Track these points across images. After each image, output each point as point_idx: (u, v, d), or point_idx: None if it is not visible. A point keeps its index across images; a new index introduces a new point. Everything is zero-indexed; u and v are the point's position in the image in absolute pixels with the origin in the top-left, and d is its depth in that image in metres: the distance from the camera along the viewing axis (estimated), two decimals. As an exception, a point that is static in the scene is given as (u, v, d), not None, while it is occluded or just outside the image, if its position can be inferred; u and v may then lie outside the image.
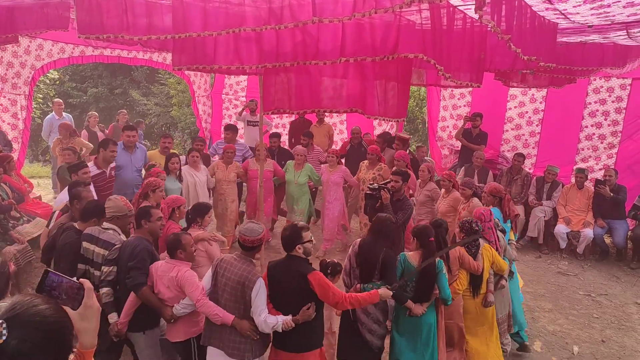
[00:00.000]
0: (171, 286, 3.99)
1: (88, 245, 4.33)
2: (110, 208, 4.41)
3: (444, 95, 11.19)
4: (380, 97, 6.05)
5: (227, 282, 3.77)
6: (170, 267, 4.03)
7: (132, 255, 4.05)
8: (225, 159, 7.63)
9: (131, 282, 3.99)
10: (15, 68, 9.80)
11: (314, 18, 3.87)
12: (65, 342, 1.35)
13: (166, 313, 4.00)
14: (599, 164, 9.58)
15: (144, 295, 3.99)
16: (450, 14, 4.65)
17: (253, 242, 3.82)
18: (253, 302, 3.67)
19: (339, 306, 3.83)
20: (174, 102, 18.66)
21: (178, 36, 4.55)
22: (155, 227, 4.34)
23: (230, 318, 3.72)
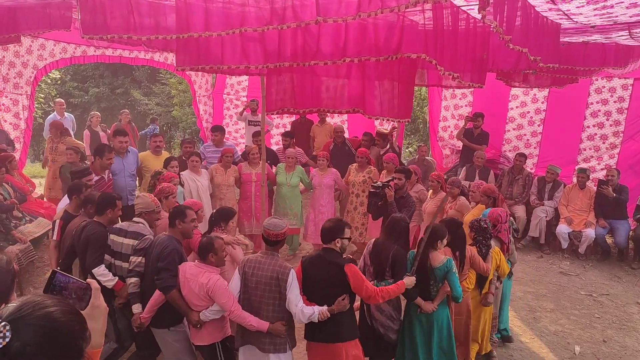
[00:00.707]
0: (200, 293, 3.95)
1: (116, 237, 4.43)
2: (139, 205, 4.55)
3: (445, 95, 11.19)
4: (382, 97, 6.06)
5: (259, 280, 3.83)
6: (200, 271, 3.99)
7: (161, 255, 4.07)
8: (224, 162, 7.51)
9: (161, 283, 4.00)
10: (17, 68, 9.81)
11: (319, 18, 3.87)
12: (72, 346, 1.32)
13: (193, 318, 3.99)
14: (601, 164, 9.58)
15: (173, 298, 4.00)
16: (453, 14, 4.65)
17: (277, 237, 3.92)
18: (289, 295, 3.76)
19: (371, 299, 3.91)
20: (175, 102, 18.68)
21: (181, 36, 4.56)
22: (189, 228, 4.33)
23: (265, 325, 3.79)
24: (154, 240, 4.28)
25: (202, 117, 12.54)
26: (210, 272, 3.98)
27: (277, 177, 7.73)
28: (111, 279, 4.36)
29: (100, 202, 4.65)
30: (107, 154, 6.43)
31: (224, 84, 12.58)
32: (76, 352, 1.33)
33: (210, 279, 3.91)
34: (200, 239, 4.19)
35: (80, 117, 16.42)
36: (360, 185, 7.55)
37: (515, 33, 4.06)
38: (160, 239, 4.22)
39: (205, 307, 3.97)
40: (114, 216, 4.71)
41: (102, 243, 4.42)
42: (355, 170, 7.77)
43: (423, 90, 14.36)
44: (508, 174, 9.26)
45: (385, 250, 4.35)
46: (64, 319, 1.30)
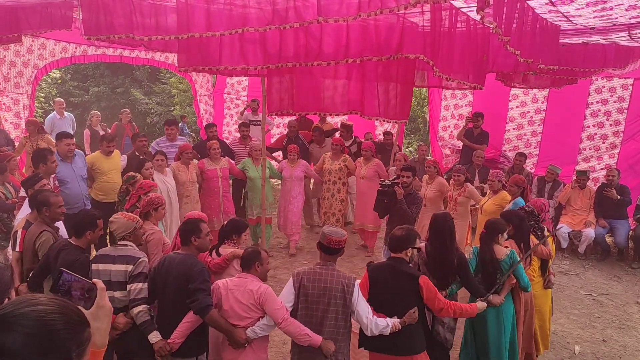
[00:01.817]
0: (248, 302, 3.66)
1: (102, 266, 3.92)
2: (117, 230, 4.03)
3: (446, 95, 11.21)
4: (381, 98, 6.10)
5: (321, 294, 3.62)
6: (246, 280, 3.73)
7: (190, 275, 3.69)
8: (184, 159, 7.19)
9: (198, 305, 3.61)
10: (18, 67, 9.83)
11: (320, 18, 3.89)
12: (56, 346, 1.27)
13: (239, 336, 3.63)
14: (601, 164, 9.60)
15: (213, 319, 3.62)
16: (452, 15, 4.67)
17: (339, 243, 3.72)
18: (357, 306, 3.62)
19: (443, 312, 3.81)
20: (175, 102, 18.68)
21: (181, 37, 4.57)
22: (205, 243, 3.99)
23: (319, 340, 3.57)
24: (164, 262, 3.90)
25: (203, 116, 12.56)
26: (257, 280, 3.75)
27: (248, 172, 7.72)
28: None
29: (78, 222, 4.12)
30: (50, 156, 5.77)
31: (224, 84, 12.60)
32: (62, 351, 1.29)
33: (260, 286, 3.68)
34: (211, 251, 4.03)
35: (80, 117, 16.44)
36: (337, 172, 7.88)
37: (512, 35, 4.08)
38: (177, 260, 3.83)
39: (252, 320, 3.68)
40: (94, 238, 4.16)
41: (86, 273, 3.87)
42: (329, 158, 8.01)
43: (423, 90, 14.38)
44: (508, 174, 9.25)
45: (446, 256, 4.23)
46: (47, 318, 1.27)
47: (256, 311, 3.66)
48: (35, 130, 8.89)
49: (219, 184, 7.46)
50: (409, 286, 3.76)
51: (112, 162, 6.99)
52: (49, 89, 17.76)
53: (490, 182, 6.48)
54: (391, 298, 3.79)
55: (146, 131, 18.52)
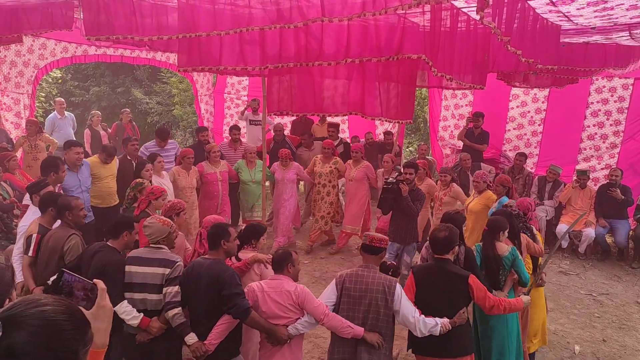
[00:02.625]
0: (286, 302, 3.71)
1: (136, 268, 3.91)
2: (152, 234, 4.00)
3: (446, 94, 11.21)
4: (383, 98, 6.11)
5: (363, 295, 3.69)
6: (280, 281, 3.78)
7: (222, 281, 3.69)
8: (185, 164, 7.07)
9: (237, 309, 3.62)
10: (19, 67, 9.84)
11: (324, 18, 3.90)
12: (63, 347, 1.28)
13: (281, 334, 3.68)
14: (601, 164, 9.60)
15: (255, 320, 3.66)
16: (453, 15, 4.68)
17: (381, 242, 3.84)
18: (400, 307, 3.66)
19: (494, 309, 3.84)
20: (175, 101, 18.67)
21: (183, 36, 4.58)
22: (234, 247, 4.02)
23: (361, 330, 3.64)
24: (193, 267, 3.91)
25: (204, 116, 12.57)
26: (291, 281, 3.80)
27: (241, 175, 7.67)
28: (136, 316, 3.82)
29: (115, 224, 4.19)
30: (62, 166, 5.73)
31: (224, 83, 12.60)
32: (69, 352, 1.30)
33: (296, 286, 3.74)
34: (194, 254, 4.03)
35: (80, 116, 16.42)
36: (327, 175, 7.90)
37: (512, 35, 4.08)
38: (206, 265, 3.83)
39: (289, 320, 3.71)
40: (130, 240, 4.19)
41: (122, 274, 3.90)
42: (320, 161, 8.02)
43: (424, 90, 14.37)
44: (508, 174, 9.26)
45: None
46: (57, 319, 1.28)
47: (294, 311, 3.71)
48: (34, 130, 8.89)
49: (219, 187, 7.40)
50: (459, 287, 3.81)
51: (110, 168, 6.90)
52: (50, 89, 17.75)
53: (476, 183, 6.58)
54: (439, 299, 3.81)
55: (146, 131, 18.53)
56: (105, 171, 6.81)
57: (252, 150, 7.72)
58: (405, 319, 3.67)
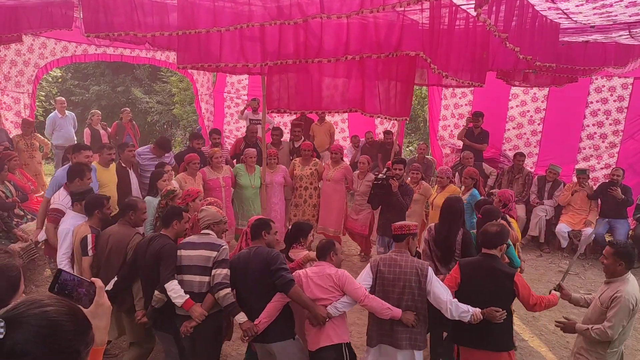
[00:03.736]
0: (327, 284, 3.91)
1: (186, 252, 4.15)
2: (205, 217, 4.27)
3: (445, 94, 11.21)
4: (382, 96, 6.11)
5: (397, 278, 3.92)
6: (322, 267, 4.00)
7: (269, 260, 3.92)
8: (190, 170, 6.81)
9: (281, 281, 3.82)
10: (19, 66, 9.85)
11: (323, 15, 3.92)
12: (66, 347, 1.30)
13: (320, 312, 3.86)
14: (601, 163, 9.60)
15: (297, 293, 3.84)
16: (452, 13, 4.68)
17: (402, 228, 4.05)
18: (432, 287, 3.86)
19: (536, 307, 3.96)
20: (176, 100, 18.68)
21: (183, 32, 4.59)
22: (274, 240, 4.24)
23: (399, 311, 3.86)
24: (240, 256, 4.11)
25: (204, 115, 12.58)
26: (333, 266, 4.01)
27: (240, 180, 7.36)
28: (181, 295, 3.98)
29: (167, 214, 4.43)
30: (87, 172, 5.57)
31: (224, 83, 12.60)
32: (71, 352, 1.32)
33: (337, 270, 3.97)
34: None
35: (80, 115, 16.38)
36: (308, 178, 7.69)
37: (511, 32, 4.09)
38: (253, 251, 4.05)
39: (329, 300, 3.91)
40: (180, 229, 4.40)
41: (174, 257, 4.12)
42: (299, 164, 7.83)
43: (423, 89, 14.39)
44: (508, 173, 9.28)
45: (450, 235, 4.63)
46: (59, 319, 1.29)
47: (334, 292, 3.91)
48: (29, 129, 8.90)
49: (222, 194, 7.00)
50: (504, 284, 3.88)
51: (111, 174, 6.65)
52: (50, 88, 17.76)
53: (439, 179, 6.83)
54: (484, 295, 3.89)
55: (146, 130, 18.54)
56: (106, 177, 6.54)
57: (253, 155, 7.47)
58: (438, 298, 3.84)
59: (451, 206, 4.89)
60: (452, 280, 4.03)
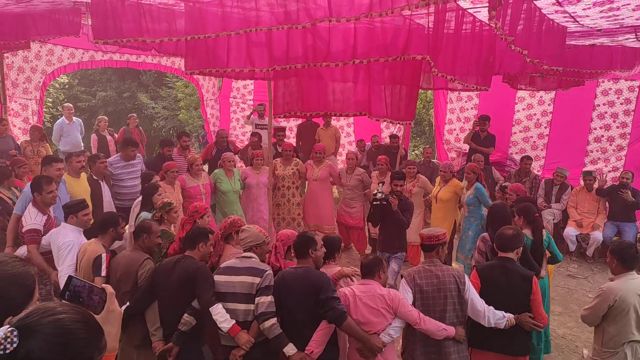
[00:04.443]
0: (380, 306, 3.68)
1: (225, 277, 3.88)
2: (247, 238, 4.02)
3: (451, 98, 11.19)
4: (388, 100, 6.12)
5: (437, 289, 3.74)
6: (371, 286, 3.75)
7: (317, 286, 3.64)
8: (169, 179, 6.51)
9: (334, 313, 3.55)
10: (26, 73, 9.91)
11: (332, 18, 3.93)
12: (79, 354, 1.30)
13: (376, 343, 3.63)
14: (608, 166, 9.56)
15: (350, 325, 3.59)
16: (458, 17, 4.68)
17: (430, 239, 3.88)
18: (470, 295, 3.74)
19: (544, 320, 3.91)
20: (181, 106, 18.77)
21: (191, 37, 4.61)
22: (321, 256, 3.99)
23: (453, 330, 3.70)
24: (283, 277, 3.84)
25: (209, 120, 12.62)
26: (381, 286, 3.78)
27: (222, 185, 7.21)
28: (228, 320, 3.72)
29: (192, 235, 4.13)
30: (46, 186, 5.09)
31: (230, 88, 12.64)
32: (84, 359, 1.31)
33: (389, 290, 3.74)
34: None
35: (87, 121, 16.50)
36: (290, 177, 7.78)
37: (517, 35, 4.09)
38: (300, 272, 3.77)
39: (381, 325, 3.68)
40: (206, 251, 4.13)
41: (212, 279, 3.87)
42: (281, 164, 7.88)
43: (429, 93, 14.41)
44: (515, 177, 9.24)
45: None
46: (72, 327, 1.29)
47: (386, 315, 3.67)
48: (37, 136, 8.93)
49: (203, 201, 6.62)
50: (523, 286, 3.86)
51: (83, 184, 6.30)
52: (57, 94, 17.89)
53: (443, 173, 7.10)
54: (503, 297, 3.86)
55: (152, 135, 18.61)
56: (79, 188, 6.17)
57: (231, 159, 7.36)
58: (474, 307, 3.74)
59: (498, 212, 4.93)
60: (474, 286, 3.93)
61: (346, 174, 7.93)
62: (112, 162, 7.10)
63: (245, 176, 7.57)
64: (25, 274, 1.67)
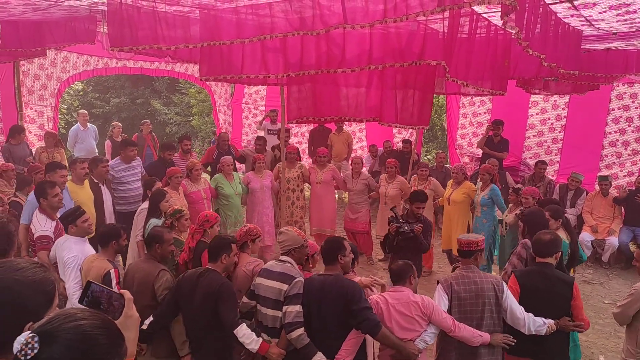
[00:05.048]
0: (414, 314, 3.62)
1: (263, 280, 3.83)
2: (285, 242, 3.91)
3: (464, 102, 11.15)
4: (400, 106, 6.10)
5: (474, 296, 3.70)
6: (404, 293, 3.69)
7: (349, 297, 3.52)
8: (173, 184, 6.38)
9: (369, 324, 3.46)
10: (42, 80, 10.04)
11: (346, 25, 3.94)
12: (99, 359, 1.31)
13: (412, 350, 3.56)
14: (623, 171, 9.46)
15: (385, 335, 3.52)
16: (473, 21, 4.67)
17: (469, 244, 3.80)
18: (509, 303, 3.68)
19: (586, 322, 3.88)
20: (194, 112, 18.89)
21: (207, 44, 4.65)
22: (349, 261, 3.88)
23: (488, 337, 3.65)
24: (312, 284, 3.73)
25: (222, 126, 12.69)
26: (412, 292, 3.71)
27: (224, 189, 7.14)
28: (255, 340, 3.61)
29: (216, 245, 3.94)
30: (50, 190, 5.03)
31: (242, 94, 12.71)
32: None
33: (422, 297, 3.67)
34: None
35: (101, 128, 16.68)
36: (295, 180, 7.80)
37: (534, 39, 4.07)
38: (329, 281, 3.66)
39: (415, 333, 3.63)
40: (229, 263, 3.96)
41: (235, 296, 3.78)
42: (284, 167, 7.75)
43: (441, 98, 14.36)
44: (529, 182, 9.17)
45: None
46: (93, 333, 1.30)
47: (421, 322, 3.62)
48: (52, 142, 9.01)
49: (204, 206, 6.65)
50: (563, 291, 3.82)
51: (86, 191, 6.24)
52: (71, 101, 18.09)
53: (455, 175, 7.13)
54: (542, 303, 3.81)
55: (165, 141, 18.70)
56: (83, 195, 6.11)
57: (229, 163, 7.31)
58: (514, 315, 3.68)
59: (536, 217, 4.82)
60: (513, 292, 3.87)
61: (352, 178, 7.93)
62: (113, 165, 7.01)
63: (248, 181, 7.52)
64: (46, 280, 1.68)
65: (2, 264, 1.62)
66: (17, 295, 1.54)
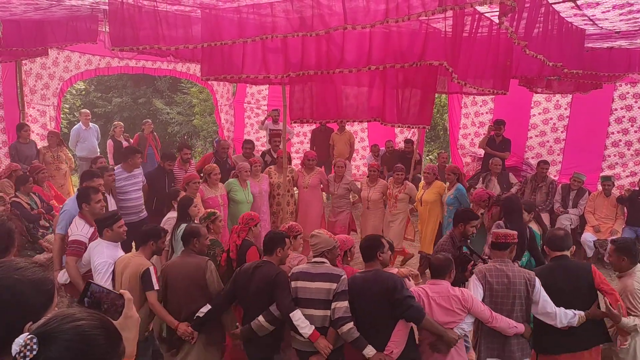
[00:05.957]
0: (454, 306, 3.76)
1: (302, 283, 3.95)
2: (318, 244, 4.04)
3: (466, 102, 11.13)
4: (402, 105, 6.09)
5: (507, 289, 3.82)
6: (443, 287, 3.84)
7: (391, 287, 3.69)
8: (190, 190, 6.31)
9: (412, 313, 3.64)
10: (44, 79, 10.05)
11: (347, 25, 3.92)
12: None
13: (452, 337, 3.73)
14: (626, 171, 9.43)
15: (429, 322, 3.68)
16: (475, 21, 4.66)
17: (506, 237, 3.99)
18: (540, 298, 3.81)
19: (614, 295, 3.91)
20: (196, 111, 18.89)
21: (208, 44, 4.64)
22: (388, 258, 4.06)
23: (522, 327, 3.81)
24: (354, 281, 3.88)
25: (224, 126, 12.68)
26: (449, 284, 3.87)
27: (236, 195, 7.00)
28: (309, 326, 3.80)
29: (272, 239, 4.18)
30: (94, 195, 5.06)
31: (244, 93, 12.70)
32: None
33: (462, 290, 3.83)
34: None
35: (103, 127, 16.68)
36: (285, 185, 7.48)
37: (533, 39, 4.05)
38: (370, 276, 3.83)
39: (456, 324, 3.77)
40: (284, 256, 4.23)
41: (289, 284, 3.96)
42: (275, 171, 7.73)
43: (443, 97, 14.35)
44: (531, 182, 9.13)
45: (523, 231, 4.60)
46: (92, 333, 1.30)
47: (460, 314, 3.77)
48: (54, 141, 9.02)
49: (221, 213, 6.25)
50: (585, 277, 3.94)
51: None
52: (74, 100, 18.12)
53: (426, 174, 7.22)
54: (569, 294, 3.90)
55: (167, 141, 18.77)
56: None
57: (247, 169, 7.10)
58: (544, 309, 3.80)
59: (512, 203, 5.12)
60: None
61: (334, 182, 7.75)
62: (115, 173, 6.75)
63: None
64: (45, 280, 1.68)
65: (2, 264, 1.63)
66: (17, 294, 1.54)
